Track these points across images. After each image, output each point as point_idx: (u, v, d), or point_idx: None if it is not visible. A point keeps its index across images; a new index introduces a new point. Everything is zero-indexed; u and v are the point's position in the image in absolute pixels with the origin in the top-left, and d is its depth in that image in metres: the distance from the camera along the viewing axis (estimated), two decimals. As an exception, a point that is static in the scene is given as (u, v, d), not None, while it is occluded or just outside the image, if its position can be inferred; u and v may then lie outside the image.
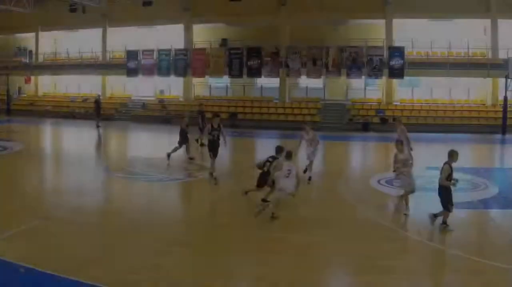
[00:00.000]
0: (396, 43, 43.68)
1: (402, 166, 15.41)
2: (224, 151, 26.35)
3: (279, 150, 15.36)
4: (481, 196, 17.23)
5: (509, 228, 13.81)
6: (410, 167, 15.73)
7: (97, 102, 39.97)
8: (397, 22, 44.14)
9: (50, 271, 10.04)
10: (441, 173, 13.17)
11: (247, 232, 13.22)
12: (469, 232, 13.89)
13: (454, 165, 13.08)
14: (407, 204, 15.14)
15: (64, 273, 9.92)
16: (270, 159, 15.42)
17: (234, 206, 15.99)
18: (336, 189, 18.79)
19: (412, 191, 15.32)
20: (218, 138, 19.37)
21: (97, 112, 39.75)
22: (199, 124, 28.83)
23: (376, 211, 15.60)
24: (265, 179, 15.45)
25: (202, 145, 27.97)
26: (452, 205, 12.94)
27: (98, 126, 38.60)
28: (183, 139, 24.11)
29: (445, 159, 13.14)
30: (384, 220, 14.55)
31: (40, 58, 54.84)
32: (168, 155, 23.24)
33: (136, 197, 17.48)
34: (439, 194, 13.19)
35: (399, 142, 15.91)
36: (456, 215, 14.35)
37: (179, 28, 47.67)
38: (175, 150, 23.59)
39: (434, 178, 19.51)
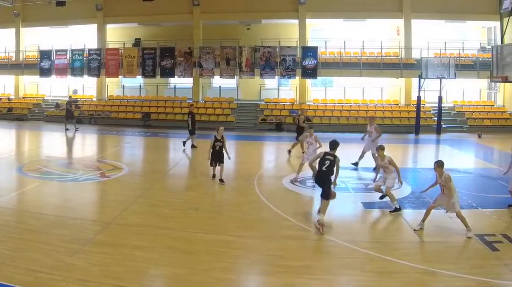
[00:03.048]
0: (310, 43, 39.89)
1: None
2: (138, 151, 27.50)
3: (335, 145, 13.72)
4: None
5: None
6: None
7: (69, 104, 34.72)
8: (310, 22, 40.41)
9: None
10: None
11: (162, 231, 12.44)
12: (381, 232, 13.31)
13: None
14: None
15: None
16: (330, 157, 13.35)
17: (148, 205, 15.04)
18: (249, 189, 17.37)
19: None
20: (221, 150, 18.10)
21: (71, 114, 34.46)
22: (188, 125, 26.84)
23: (289, 210, 14.47)
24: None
25: (193, 146, 26.86)
26: None
27: (68, 129, 33.82)
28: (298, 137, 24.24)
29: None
30: (297, 219, 13.61)
31: (-47, 58, 48.72)
32: (289, 152, 24.78)
33: (50, 197, 15.94)
34: None
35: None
36: (369, 214, 14.65)
37: (92, 28, 42.75)
38: (293, 146, 24.84)
39: (347, 178, 18.68)
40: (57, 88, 45.05)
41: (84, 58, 41.15)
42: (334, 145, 13.59)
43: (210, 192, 17.35)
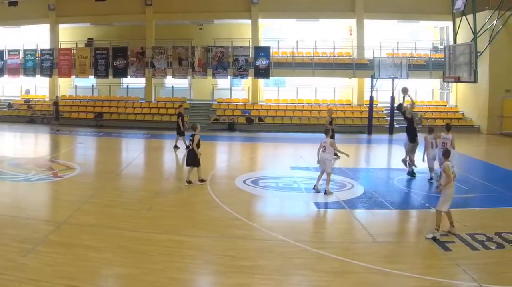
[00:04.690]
0: (262, 43, 38.17)
1: None
2: (91, 151, 27.24)
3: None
4: (347, 196, 15.93)
5: (373, 228, 12.59)
6: None
7: (55, 104, 32.66)
8: (263, 22, 38.79)
9: None
10: None
11: (114, 231, 11.97)
12: (334, 232, 12.76)
13: None
14: None
15: None
16: None
17: (101, 205, 14.50)
18: (202, 189, 16.75)
19: None
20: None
21: (56, 115, 32.36)
22: (180, 127, 25.40)
23: (241, 210, 14.06)
24: None
25: (176, 147, 25.59)
26: None
27: (57, 131, 31.79)
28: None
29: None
30: (249, 219, 13.27)
31: None
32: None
33: (2, 197, 15.35)
34: None
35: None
36: (321, 215, 14.49)
37: (45, 28, 40.48)
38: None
39: (299, 178, 18.29)
40: (9, 88, 42.74)
41: (37, 58, 38.96)
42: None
43: (163, 192, 16.80)
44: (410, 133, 19.17)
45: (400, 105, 20.51)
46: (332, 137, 22.71)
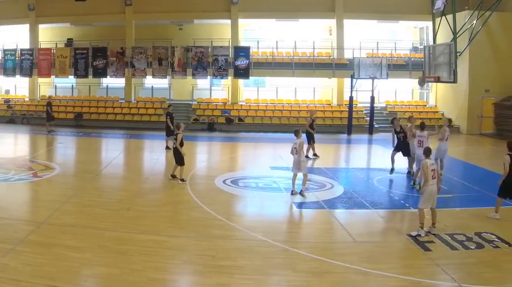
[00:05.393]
0: (242, 43, 37.20)
1: None
2: (71, 151, 26.53)
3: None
4: (327, 196, 15.62)
5: (352, 228, 12.36)
6: None
7: (49, 105, 31.34)
8: (243, 22, 37.88)
9: None
10: None
11: (94, 231, 11.69)
12: (314, 232, 12.46)
13: None
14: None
15: None
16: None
17: (81, 205, 14.15)
18: (182, 189, 16.51)
19: None
20: None
21: (49, 116, 30.97)
22: (169, 127, 24.37)
23: (221, 210, 13.76)
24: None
25: (167, 148, 24.14)
26: None
27: (51, 131, 30.64)
28: (309, 139, 22.38)
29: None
30: (229, 219, 12.98)
31: None
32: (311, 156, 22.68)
33: None
34: None
35: None
36: (301, 214, 14.19)
37: (25, 28, 39.28)
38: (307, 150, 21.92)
39: (278, 178, 17.98)
40: (-12, 88, 41.28)
41: (16, 58, 37.62)
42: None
43: (143, 191, 16.44)
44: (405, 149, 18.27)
45: (394, 120, 19.20)
46: (312, 140, 22.37)
